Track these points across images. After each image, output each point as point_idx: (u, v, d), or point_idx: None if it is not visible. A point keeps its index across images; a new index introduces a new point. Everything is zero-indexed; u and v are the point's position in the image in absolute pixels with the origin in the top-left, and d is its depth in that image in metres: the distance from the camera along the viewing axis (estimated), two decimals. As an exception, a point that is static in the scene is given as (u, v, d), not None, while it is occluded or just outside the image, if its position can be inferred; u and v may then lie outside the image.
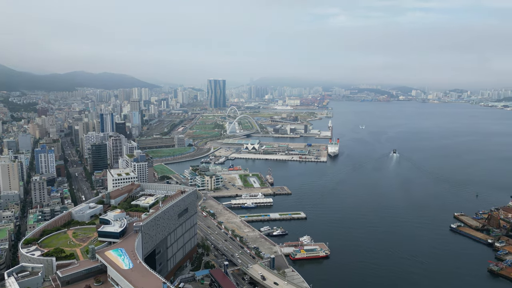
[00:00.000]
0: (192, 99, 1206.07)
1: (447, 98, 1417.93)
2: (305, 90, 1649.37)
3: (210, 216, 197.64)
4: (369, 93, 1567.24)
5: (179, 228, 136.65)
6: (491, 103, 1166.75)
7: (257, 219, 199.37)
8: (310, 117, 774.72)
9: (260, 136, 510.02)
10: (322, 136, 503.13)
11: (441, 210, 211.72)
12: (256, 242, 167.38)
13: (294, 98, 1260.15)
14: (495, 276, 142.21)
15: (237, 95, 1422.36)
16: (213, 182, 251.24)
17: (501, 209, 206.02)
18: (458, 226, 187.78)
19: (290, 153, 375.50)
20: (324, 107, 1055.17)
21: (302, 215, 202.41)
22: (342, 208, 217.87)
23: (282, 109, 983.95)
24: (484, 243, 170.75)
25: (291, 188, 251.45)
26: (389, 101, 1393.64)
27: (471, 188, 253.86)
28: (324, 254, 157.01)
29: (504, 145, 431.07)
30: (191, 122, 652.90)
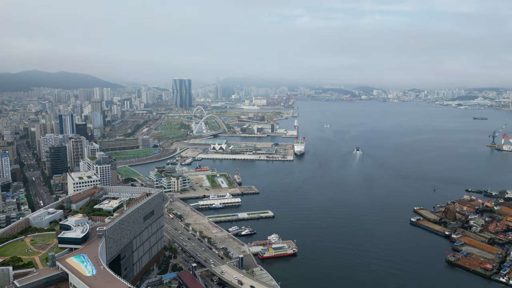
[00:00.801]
0: (156, 99, 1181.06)
1: (406, 98, 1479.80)
2: (271, 90, 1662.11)
3: (177, 218, 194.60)
4: (333, 92, 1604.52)
5: (145, 231, 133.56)
6: (446, 102, 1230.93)
7: (225, 219, 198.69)
8: (276, 116, 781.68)
9: (228, 136, 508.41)
10: (289, 135, 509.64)
11: (402, 205, 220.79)
12: (224, 243, 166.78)
13: (261, 98, 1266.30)
14: (452, 266, 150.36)
15: (204, 95, 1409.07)
16: (180, 184, 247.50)
17: (456, 203, 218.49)
18: (417, 220, 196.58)
19: (257, 153, 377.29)
20: (290, 107, 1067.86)
21: (270, 214, 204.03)
22: (308, 205, 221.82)
23: (249, 109, 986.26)
24: (442, 235, 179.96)
25: (259, 188, 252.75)
26: (352, 100, 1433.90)
27: (429, 183, 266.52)
28: (292, 251, 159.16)
29: (458, 142, 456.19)
30: (156, 123, 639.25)
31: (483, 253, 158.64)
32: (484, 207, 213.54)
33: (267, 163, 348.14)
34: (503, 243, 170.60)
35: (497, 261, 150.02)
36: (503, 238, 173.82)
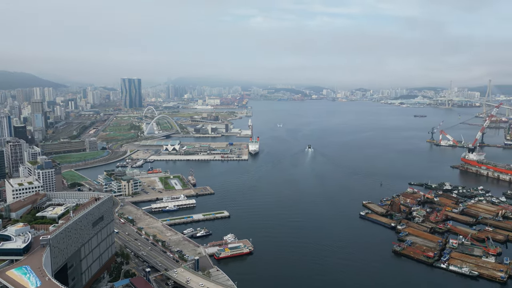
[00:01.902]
0: (104, 99, 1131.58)
1: (353, 97, 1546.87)
2: (225, 90, 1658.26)
3: (129, 222, 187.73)
4: (285, 92, 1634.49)
5: (94, 238, 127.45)
6: (390, 101, 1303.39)
7: (180, 221, 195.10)
8: (230, 116, 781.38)
9: (181, 136, 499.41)
10: (243, 135, 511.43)
11: (352, 200, 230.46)
12: (179, 245, 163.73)
13: (214, 98, 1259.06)
14: (398, 256, 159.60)
15: (155, 95, 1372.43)
16: (131, 187, 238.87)
17: (401, 196, 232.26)
18: (366, 213, 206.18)
19: (212, 153, 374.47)
20: (244, 106, 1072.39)
21: (226, 214, 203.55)
22: (263, 204, 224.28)
23: (202, 108, 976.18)
24: (388, 226, 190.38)
25: (214, 188, 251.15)
26: (303, 100, 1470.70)
27: (376, 178, 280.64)
28: (248, 250, 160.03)
29: (401, 139, 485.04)
30: (104, 124, 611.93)
31: (426, 242, 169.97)
32: (425, 199, 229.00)
33: (222, 163, 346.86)
34: (442, 231, 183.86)
35: (438, 249, 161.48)
36: (443, 227, 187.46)
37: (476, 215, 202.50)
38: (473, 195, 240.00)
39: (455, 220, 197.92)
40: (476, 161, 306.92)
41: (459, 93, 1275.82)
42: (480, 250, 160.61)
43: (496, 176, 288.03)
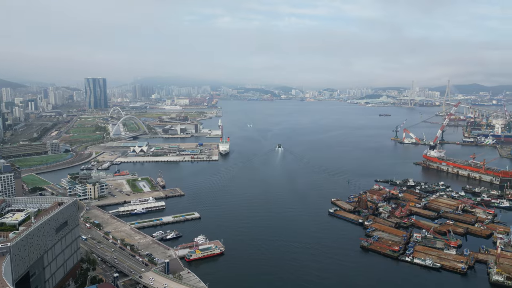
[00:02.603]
0: (67, 100, 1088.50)
1: (321, 97, 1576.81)
2: (194, 90, 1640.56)
3: (95, 227, 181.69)
4: (254, 92, 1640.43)
5: (58, 244, 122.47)
6: (356, 101, 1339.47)
7: (149, 224, 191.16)
8: (200, 116, 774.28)
9: (149, 137, 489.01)
10: (213, 135, 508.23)
11: (321, 197, 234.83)
12: (148, 249, 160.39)
13: (183, 98, 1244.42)
14: (366, 251, 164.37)
15: (121, 95, 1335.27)
16: (97, 190, 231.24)
17: (367, 192, 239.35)
18: (335, 210, 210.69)
19: (181, 154, 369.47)
20: (213, 106, 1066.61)
21: (196, 215, 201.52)
22: (234, 204, 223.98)
23: (171, 109, 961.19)
24: (356, 223, 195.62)
25: (184, 189, 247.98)
26: (272, 100, 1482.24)
27: (344, 176, 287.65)
28: (219, 251, 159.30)
29: (367, 137, 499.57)
30: (67, 126, 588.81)
31: (391, 236, 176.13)
32: (391, 195, 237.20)
33: (192, 164, 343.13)
34: (407, 226, 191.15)
35: (403, 243, 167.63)
36: (407, 221, 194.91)
37: (437, 210, 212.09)
38: (435, 190, 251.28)
39: (419, 214, 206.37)
40: (437, 157, 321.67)
41: (421, 93, 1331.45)
42: (442, 242, 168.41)
43: (456, 171, 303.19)
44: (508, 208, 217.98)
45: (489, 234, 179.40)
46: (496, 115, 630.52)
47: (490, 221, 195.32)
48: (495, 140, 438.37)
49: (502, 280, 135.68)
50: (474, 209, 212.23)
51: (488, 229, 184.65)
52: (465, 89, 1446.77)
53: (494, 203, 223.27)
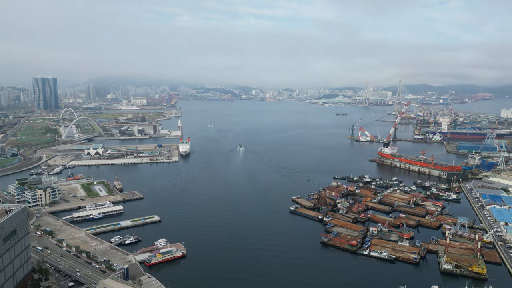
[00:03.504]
0: (13, 101, 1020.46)
1: (281, 97, 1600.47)
2: (152, 90, 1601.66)
3: (47, 234, 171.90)
4: (215, 92, 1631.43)
5: (6, 255, 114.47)
6: (314, 100, 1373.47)
7: (106, 229, 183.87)
8: (158, 117, 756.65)
9: (104, 139, 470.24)
10: (173, 136, 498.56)
11: (282, 195, 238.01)
12: (106, 255, 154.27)
13: (140, 98, 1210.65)
14: (326, 246, 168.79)
15: (73, 95, 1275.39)
16: (49, 196, 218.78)
17: (326, 189, 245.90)
18: (296, 208, 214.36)
19: (139, 156, 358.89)
20: (172, 107, 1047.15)
21: (156, 218, 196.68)
22: (196, 205, 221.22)
23: (127, 109, 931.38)
24: (316, 219, 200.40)
25: (143, 192, 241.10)
26: (233, 100, 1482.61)
27: (304, 174, 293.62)
28: (180, 254, 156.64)
29: (325, 136, 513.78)
30: (14, 128, 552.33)
31: (349, 231, 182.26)
32: (348, 191, 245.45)
33: (150, 166, 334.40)
34: (364, 221, 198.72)
35: (360, 237, 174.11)
36: (364, 216, 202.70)
37: (391, 204, 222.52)
38: (389, 185, 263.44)
39: (374, 209, 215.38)
40: (390, 154, 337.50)
41: (374, 93, 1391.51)
42: (396, 235, 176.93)
43: (407, 167, 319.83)
44: (455, 200, 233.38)
45: (439, 226, 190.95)
46: (443, 114, 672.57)
47: (439, 213, 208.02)
48: (442, 137, 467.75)
49: (451, 268, 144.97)
50: (424, 202, 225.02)
51: (438, 220, 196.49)
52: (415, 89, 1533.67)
53: (442, 196, 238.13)
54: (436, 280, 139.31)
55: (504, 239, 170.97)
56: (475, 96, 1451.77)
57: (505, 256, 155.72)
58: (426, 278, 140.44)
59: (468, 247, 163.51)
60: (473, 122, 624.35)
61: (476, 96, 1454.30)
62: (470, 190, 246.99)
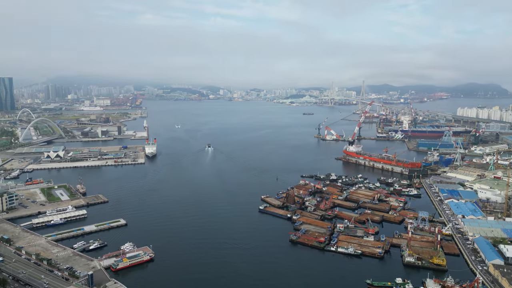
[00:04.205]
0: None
1: (248, 97, 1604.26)
2: (116, 89, 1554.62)
3: (4, 242, 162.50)
4: (181, 92, 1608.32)
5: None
6: (282, 100, 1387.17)
7: (69, 235, 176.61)
8: (123, 117, 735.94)
9: (66, 141, 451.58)
10: (138, 137, 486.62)
11: (251, 195, 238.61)
12: (69, 262, 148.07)
13: (104, 98, 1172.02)
14: (295, 244, 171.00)
15: (31, 96, 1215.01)
16: (5, 202, 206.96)
17: (295, 188, 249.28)
18: (265, 207, 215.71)
19: (103, 158, 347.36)
20: (137, 107, 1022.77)
21: (122, 222, 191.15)
22: (164, 207, 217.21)
23: (90, 110, 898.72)
24: (285, 218, 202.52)
25: (108, 195, 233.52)
26: (200, 100, 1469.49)
27: (272, 173, 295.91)
28: (148, 257, 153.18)
29: (292, 135, 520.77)
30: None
31: (317, 228, 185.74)
32: (316, 189, 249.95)
33: (115, 168, 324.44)
34: (331, 217, 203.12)
35: (328, 234, 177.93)
36: (331, 213, 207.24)
37: (357, 200, 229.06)
38: (354, 182, 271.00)
39: (341, 206, 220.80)
40: (355, 152, 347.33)
41: (340, 93, 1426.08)
42: (362, 231, 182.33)
43: (372, 164, 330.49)
44: (416, 195, 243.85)
45: (401, 220, 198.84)
46: (404, 112, 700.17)
47: (402, 208, 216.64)
48: (404, 135, 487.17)
49: (413, 261, 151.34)
50: (388, 198, 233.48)
51: (400, 215, 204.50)
52: (377, 89, 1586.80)
53: (404, 191, 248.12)
54: (400, 273, 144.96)
55: (461, 231, 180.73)
56: (433, 96, 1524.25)
57: (462, 247, 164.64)
58: (390, 271, 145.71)
59: (429, 240, 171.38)
60: (431, 120, 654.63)
61: (434, 96, 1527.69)
62: (429, 185, 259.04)
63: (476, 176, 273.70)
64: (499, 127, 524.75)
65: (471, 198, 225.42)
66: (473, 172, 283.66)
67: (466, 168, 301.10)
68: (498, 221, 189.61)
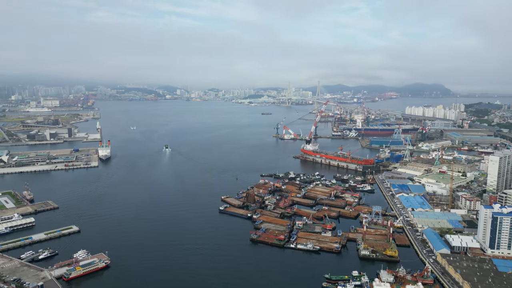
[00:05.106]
0: None
1: (207, 97, 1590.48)
2: (65, 90, 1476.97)
3: None
4: (136, 92, 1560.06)
5: None
6: (240, 100, 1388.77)
7: (16, 245, 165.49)
8: (74, 119, 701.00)
9: (10, 145, 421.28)
10: (91, 139, 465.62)
11: (211, 196, 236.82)
12: (16, 273, 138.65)
13: (52, 99, 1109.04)
14: (255, 243, 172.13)
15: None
16: None
17: (254, 187, 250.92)
18: (225, 208, 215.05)
19: (53, 162, 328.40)
20: (89, 108, 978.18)
21: (75, 229, 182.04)
22: (119, 211, 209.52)
23: (37, 111, 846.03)
24: (245, 217, 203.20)
25: (58, 201, 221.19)
26: (157, 100, 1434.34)
27: (232, 173, 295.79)
28: (104, 264, 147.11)
29: (251, 135, 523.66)
30: None
31: (277, 226, 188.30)
32: (275, 188, 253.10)
33: (66, 172, 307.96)
34: (290, 215, 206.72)
35: (287, 231, 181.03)
36: (290, 211, 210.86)
37: (315, 197, 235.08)
38: (312, 180, 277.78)
39: (300, 203, 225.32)
40: (312, 151, 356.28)
41: (296, 93, 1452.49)
42: (320, 227, 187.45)
43: (328, 162, 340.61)
44: (369, 191, 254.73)
45: (356, 215, 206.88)
46: (357, 112, 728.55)
47: (357, 204, 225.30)
48: (357, 133, 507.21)
49: (368, 254, 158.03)
50: (343, 194, 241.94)
51: (356, 210, 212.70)
52: (332, 89, 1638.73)
53: (359, 187, 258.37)
54: (356, 266, 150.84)
55: (411, 223, 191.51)
56: (384, 96, 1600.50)
57: (412, 238, 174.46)
58: (347, 265, 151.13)
59: (382, 233, 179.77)
60: (383, 119, 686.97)
61: (384, 96, 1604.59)
62: (382, 181, 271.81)
63: (423, 171, 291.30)
64: (443, 124, 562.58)
65: (420, 192, 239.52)
66: (420, 167, 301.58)
67: (415, 164, 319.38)
68: (444, 213, 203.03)
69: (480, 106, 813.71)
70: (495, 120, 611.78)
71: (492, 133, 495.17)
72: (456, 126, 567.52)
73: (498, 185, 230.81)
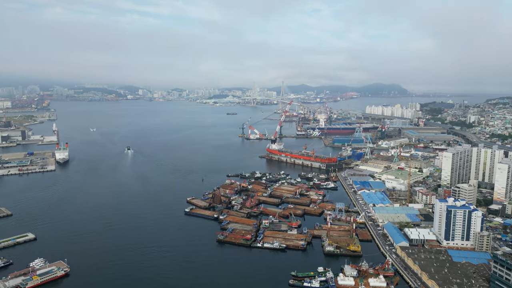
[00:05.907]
0: None
1: (170, 97, 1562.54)
2: (18, 90, 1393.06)
3: None
4: (96, 92, 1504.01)
5: None
6: (205, 100, 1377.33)
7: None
8: (28, 121, 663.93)
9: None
10: (47, 142, 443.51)
11: (176, 197, 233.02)
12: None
13: (4, 100, 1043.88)
14: (222, 244, 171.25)
15: None
16: None
17: (221, 187, 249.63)
18: (191, 209, 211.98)
19: (5, 166, 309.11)
20: (45, 109, 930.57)
21: (30, 236, 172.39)
22: (79, 216, 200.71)
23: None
24: (212, 218, 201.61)
25: (11, 208, 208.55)
26: (118, 100, 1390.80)
27: (198, 174, 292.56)
28: (63, 272, 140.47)
29: (217, 135, 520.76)
30: None
31: (244, 226, 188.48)
32: (241, 188, 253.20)
33: (20, 177, 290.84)
34: (256, 214, 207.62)
35: (254, 231, 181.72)
36: (256, 211, 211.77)
37: (280, 196, 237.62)
38: (277, 179, 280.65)
39: (266, 202, 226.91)
40: (277, 150, 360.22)
41: (261, 93, 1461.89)
42: (286, 225, 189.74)
43: (293, 161, 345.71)
44: (333, 188, 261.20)
45: (321, 212, 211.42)
46: (320, 111, 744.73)
47: (321, 201, 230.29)
48: (320, 132, 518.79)
49: (333, 249, 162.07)
50: (308, 192, 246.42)
51: (320, 208, 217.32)
52: (296, 89, 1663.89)
53: (323, 185, 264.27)
54: (321, 262, 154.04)
55: (373, 218, 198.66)
56: (345, 95, 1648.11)
57: (374, 233, 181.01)
58: (312, 261, 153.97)
59: (346, 229, 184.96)
60: (344, 118, 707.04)
61: (346, 95, 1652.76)
62: (344, 178, 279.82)
63: (383, 167, 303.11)
64: (401, 123, 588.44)
65: (380, 188, 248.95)
66: (380, 164, 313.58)
67: (375, 161, 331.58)
68: (403, 207, 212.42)
69: (434, 105, 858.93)
70: (448, 118, 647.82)
71: (445, 130, 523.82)
72: (413, 124, 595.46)
73: (452, 179, 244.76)
